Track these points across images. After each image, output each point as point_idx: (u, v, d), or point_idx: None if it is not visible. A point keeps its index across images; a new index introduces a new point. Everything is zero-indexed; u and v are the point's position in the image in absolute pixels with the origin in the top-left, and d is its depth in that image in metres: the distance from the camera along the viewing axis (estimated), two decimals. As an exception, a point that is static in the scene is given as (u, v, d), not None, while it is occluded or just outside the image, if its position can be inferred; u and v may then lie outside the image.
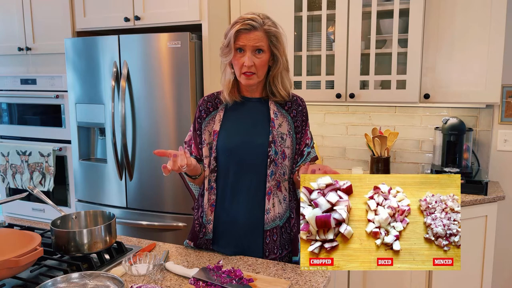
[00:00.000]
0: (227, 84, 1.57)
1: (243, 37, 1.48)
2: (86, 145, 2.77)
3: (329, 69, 2.55)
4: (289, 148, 1.57)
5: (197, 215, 1.62)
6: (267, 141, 1.53)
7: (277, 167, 1.53)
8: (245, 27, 1.47)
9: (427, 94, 2.40)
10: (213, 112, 1.61)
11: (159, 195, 2.51)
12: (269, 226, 1.53)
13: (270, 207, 1.52)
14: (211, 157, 1.57)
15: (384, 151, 2.66)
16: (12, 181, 3.10)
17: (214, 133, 1.57)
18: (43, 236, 1.66)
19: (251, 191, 1.54)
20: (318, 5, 2.59)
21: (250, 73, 1.50)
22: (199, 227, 1.60)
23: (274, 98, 1.59)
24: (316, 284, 1.32)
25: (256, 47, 1.49)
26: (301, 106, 1.62)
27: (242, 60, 1.49)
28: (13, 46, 2.99)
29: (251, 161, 1.53)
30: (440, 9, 2.35)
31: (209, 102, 1.63)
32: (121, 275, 1.37)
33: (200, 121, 1.62)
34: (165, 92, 2.41)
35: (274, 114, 1.57)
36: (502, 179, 2.60)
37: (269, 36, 1.50)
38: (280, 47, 1.53)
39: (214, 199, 1.57)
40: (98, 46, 2.55)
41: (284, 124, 1.57)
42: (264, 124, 1.56)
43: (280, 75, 1.56)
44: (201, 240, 1.59)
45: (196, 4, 2.39)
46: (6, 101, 3.09)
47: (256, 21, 1.48)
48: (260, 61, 1.50)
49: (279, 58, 1.54)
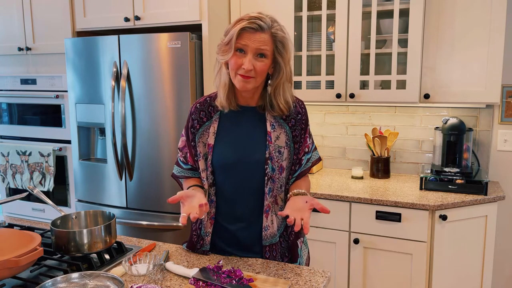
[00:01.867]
0: (223, 87, 1.44)
1: (246, 37, 1.34)
2: (86, 145, 2.77)
3: (329, 69, 2.55)
4: (287, 159, 1.49)
5: (195, 226, 1.56)
6: (264, 158, 1.45)
7: (274, 184, 1.47)
8: (252, 26, 1.33)
9: (427, 94, 2.40)
10: (207, 123, 1.50)
11: (159, 195, 2.50)
12: (267, 242, 1.49)
13: (268, 224, 1.48)
14: (207, 171, 1.49)
15: (384, 151, 2.66)
16: (12, 181, 3.10)
17: (209, 147, 1.48)
18: (43, 236, 1.66)
19: (249, 207, 1.50)
20: (318, 5, 2.59)
21: (247, 76, 1.37)
22: (196, 238, 1.55)
23: (272, 113, 1.46)
24: (316, 284, 1.32)
25: (259, 51, 1.35)
26: (300, 114, 1.51)
27: (240, 61, 1.36)
28: (13, 46, 2.99)
29: (248, 178, 1.46)
30: (440, 9, 2.35)
31: (202, 110, 1.50)
32: (121, 275, 1.37)
33: (194, 132, 1.51)
34: (165, 92, 2.41)
35: (271, 126, 1.46)
36: (502, 179, 2.60)
37: (275, 41, 1.37)
38: (285, 55, 1.40)
39: (214, 212, 1.53)
40: (98, 46, 2.55)
41: (281, 136, 1.47)
42: (260, 138, 1.46)
43: (282, 87, 1.43)
44: (199, 250, 1.55)
45: (196, 4, 2.39)
46: (6, 101, 3.09)
47: (264, 22, 1.34)
48: (261, 65, 1.37)
49: (282, 68, 1.40)
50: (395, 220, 2.22)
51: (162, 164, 2.47)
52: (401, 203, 2.20)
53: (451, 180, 2.34)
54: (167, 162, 2.46)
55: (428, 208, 2.15)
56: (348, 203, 2.32)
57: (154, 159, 2.48)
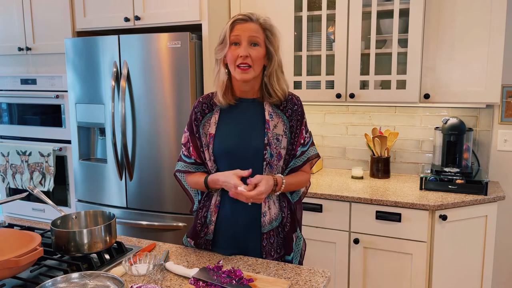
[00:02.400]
0: (221, 85, 1.55)
1: (238, 28, 1.47)
2: (86, 145, 2.77)
3: (329, 69, 2.55)
4: (285, 148, 1.56)
5: (200, 214, 1.62)
6: (263, 144, 1.52)
7: (272, 169, 1.54)
8: (242, 18, 1.48)
9: (427, 94, 2.40)
10: (209, 114, 1.59)
11: (159, 195, 2.51)
12: (266, 229, 1.54)
13: (266, 210, 1.54)
14: (211, 160, 1.57)
15: (384, 151, 2.66)
16: (12, 181, 3.10)
17: (210, 136, 1.56)
18: (43, 236, 1.66)
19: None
20: (318, 5, 2.59)
21: (245, 66, 1.48)
22: (200, 226, 1.60)
23: (270, 99, 1.56)
24: (316, 284, 1.32)
25: (252, 39, 1.48)
26: (296, 105, 1.59)
27: (236, 52, 1.47)
28: (13, 46, 2.99)
29: (247, 164, 1.50)
30: (440, 9, 2.35)
31: (204, 103, 1.61)
32: (121, 275, 1.37)
33: (197, 124, 1.59)
34: (165, 92, 2.41)
35: (269, 115, 1.55)
36: (502, 179, 2.60)
37: (265, 30, 1.50)
38: (275, 43, 1.52)
39: (219, 200, 1.58)
40: (98, 46, 2.55)
41: (279, 125, 1.55)
42: (259, 126, 1.54)
43: (275, 74, 1.55)
44: (201, 239, 1.60)
45: (196, 4, 2.39)
46: (6, 101, 3.09)
47: (252, 15, 1.50)
48: (255, 52, 1.48)
49: (273, 56, 1.53)
50: (395, 220, 2.22)
51: (162, 164, 2.47)
52: (401, 203, 2.20)
53: (451, 180, 2.34)
54: (167, 162, 2.46)
55: (428, 208, 2.15)
56: (348, 203, 2.32)
57: (154, 159, 2.48)
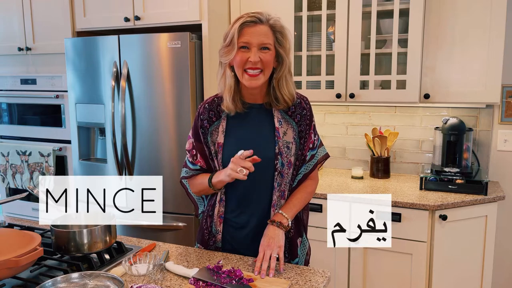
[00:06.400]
0: (229, 90, 1.45)
1: (248, 32, 1.37)
2: (86, 145, 2.77)
3: (329, 69, 2.55)
4: (295, 155, 1.52)
5: (206, 224, 1.59)
6: (274, 153, 1.47)
7: (283, 178, 1.50)
8: (251, 19, 1.37)
9: (427, 94, 2.40)
10: (216, 122, 1.51)
11: (159, 195, 2.50)
12: None
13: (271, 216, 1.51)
14: (220, 169, 1.50)
15: (384, 151, 2.66)
16: (12, 181, 3.10)
17: (218, 145, 1.50)
18: (43, 236, 1.66)
19: (258, 202, 1.52)
20: (318, 5, 2.58)
21: (256, 72, 1.39)
22: (208, 235, 1.59)
23: (278, 106, 1.48)
24: (316, 284, 1.32)
25: (262, 44, 1.38)
26: (305, 110, 1.53)
27: (246, 56, 1.38)
28: (13, 46, 2.99)
29: (258, 174, 1.44)
30: (440, 9, 2.34)
31: (210, 110, 1.52)
32: (121, 275, 1.37)
33: (204, 132, 1.52)
34: (165, 92, 2.41)
35: (278, 122, 1.49)
36: (502, 179, 2.60)
37: (275, 32, 1.41)
38: (286, 45, 1.43)
39: (223, 211, 1.55)
40: (98, 46, 2.55)
41: (289, 132, 1.50)
42: (269, 134, 1.49)
43: (284, 79, 1.46)
44: (211, 247, 1.59)
45: (196, 4, 2.39)
46: (6, 101, 3.09)
47: (262, 15, 1.39)
48: (267, 56, 1.38)
49: (284, 59, 1.44)
50: (395, 220, 2.22)
51: (162, 164, 2.47)
52: (401, 203, 2.20)
53: (451, 180, 2.33)
54: (167, 162, 2.45)
55: (428, 208, 2.15)
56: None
57: (154, 159, 2.48)
